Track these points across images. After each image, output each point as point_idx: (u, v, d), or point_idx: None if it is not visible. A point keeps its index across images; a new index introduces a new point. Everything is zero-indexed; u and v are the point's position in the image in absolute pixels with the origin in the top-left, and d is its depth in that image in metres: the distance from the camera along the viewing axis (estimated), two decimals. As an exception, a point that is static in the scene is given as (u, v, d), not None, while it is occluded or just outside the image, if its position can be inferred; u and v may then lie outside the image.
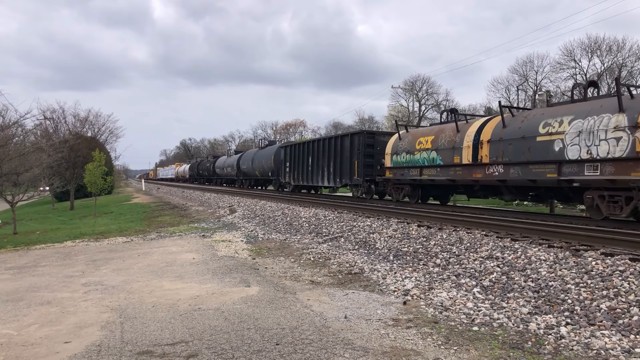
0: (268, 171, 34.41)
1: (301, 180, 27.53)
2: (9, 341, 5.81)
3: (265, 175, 35.56)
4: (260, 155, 36.84)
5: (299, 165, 27.69)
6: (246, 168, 40.59)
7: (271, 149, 35.30)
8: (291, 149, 29.13)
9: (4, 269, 10.99)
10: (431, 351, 5.20)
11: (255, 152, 39.67)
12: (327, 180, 24.16)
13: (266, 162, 34.67)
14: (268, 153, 34.76)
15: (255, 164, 37.80)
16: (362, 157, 20.92)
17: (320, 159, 24.97)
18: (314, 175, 25.64)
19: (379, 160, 20.59)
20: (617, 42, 43.36)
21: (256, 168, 37.41)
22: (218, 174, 52.53)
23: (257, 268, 9.92)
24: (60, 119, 48.39)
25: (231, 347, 5.34)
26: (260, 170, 36.61)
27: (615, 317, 5.76)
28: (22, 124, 25.03)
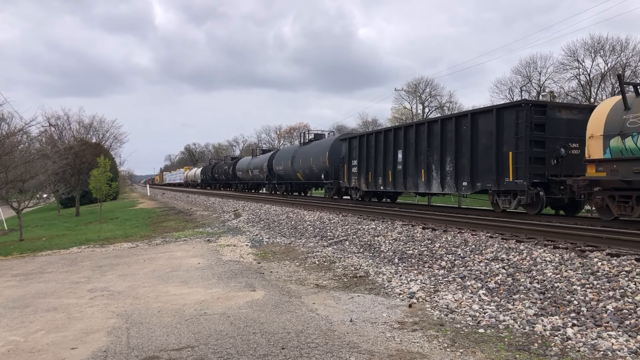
0: (319, 172, 27.01)
1: (381, 184, 19.97)
2: (16, 347, 5.83)
3: (314, 177, 28.18)
4: (306, 152, 29.06)
5: (377, 162, 20.30)
6: (282, 169, 33.34)
7: (324, 143, 27.81)
8: (361, 141, 21.89)
9: (11, 276, 11.04)
10: (437, 354, 5.19)
11: (295, 148, 32.29)
12: (440, 184, 16.41)
13: (316, 161, 27.06)
14: (319, 148, 27.26)
15: (297, 164, 30.19)
16: (527, 146, 13.11)
17: (421, 152, 17.33)
18: (409, 176, 18.01)
19: (553, 150, 13.20)
20: (620, 42, 43.24)
21: (299, 169, 29.98)
22: (240, 178, 45.84)
23: (262, 272, 9.92)
24: (65, 126, 48.72)
25: (237, 352, 5.34)
26: (305, 172, 29.11)
27: (621, 318, 5.73)
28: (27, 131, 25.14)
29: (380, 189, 20.48)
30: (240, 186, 47.40)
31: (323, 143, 27.90)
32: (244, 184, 45.91)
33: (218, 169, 57.61)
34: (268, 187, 37.62)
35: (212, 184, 61.20)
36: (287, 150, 35.18)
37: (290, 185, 33.86)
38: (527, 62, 50.57)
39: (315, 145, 28.85)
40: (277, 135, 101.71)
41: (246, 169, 43.32)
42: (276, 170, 34.52)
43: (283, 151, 35.78)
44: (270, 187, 37.19)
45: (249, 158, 45.46)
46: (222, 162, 62.17)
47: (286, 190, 34.36)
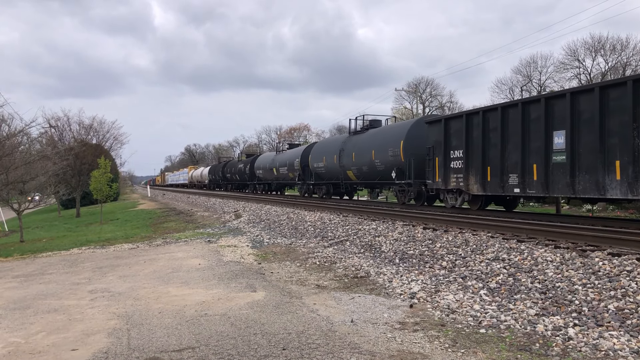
0: (386, 169, 19.86)
1: (516, 185, 13.17)
2: (17, 349, 5.83)
3: (376, 175, 20.90)
4: (364, 142, 22.15)
5: (507, 151, 13.57)
6: (324, 167, 26.10)
7: (394, 129, 20.69)
8: (469, 122, 15.09)
9: (11, 277, 11.04)
10: (438, 354, 5.18)
11: (343, 139, 25.12)
12: None
13: (381, 154, 20.00)
14: (387, 137, 20.24)
15: (347, 159, 23.06)
16: None
17: (613, 133, 10.60)
18: (582, 172, 11.27)
19: None
20: (620, 41, 43.26)
21: (351, 165, 22.88)
22: (261, 178, 39.25)
23: (263, 273, 9.91)
24: (65, 127, 48.77)
25: (238, 353, 5.33)
26: (362, 169, 21.96)
27: (623, 317, 5.72)
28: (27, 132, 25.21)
29: (513, 192, 13.32)
30: (260, 187, 40.16)
31: (393, 130, 20.80)
32: (266, 184, 38.99)
33: (231, 168, 50.76)
34: (301, 188, 30.45)
35: (223, 184, 54.51)
36: (330, 142, 28.01)
37: (333, 186, 26.57)
38: (528, 61, 50.65)
39: (379, 133, 21.69)
40: (278, 136, 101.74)
41: (269, 167, 36.52)
42: (314, 167, 27.68)
43: (324, 144, 28.63)
44: (303, 188, 29.98)
45: (272, 154, 38.90)
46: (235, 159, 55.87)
47: (327, 192, 27.36)
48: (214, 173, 59.03)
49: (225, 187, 54.07)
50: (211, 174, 60.64)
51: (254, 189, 42.14)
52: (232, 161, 56.50)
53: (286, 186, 37.68)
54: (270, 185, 38.47)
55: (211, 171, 61.38)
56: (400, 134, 19.33)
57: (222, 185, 55.10)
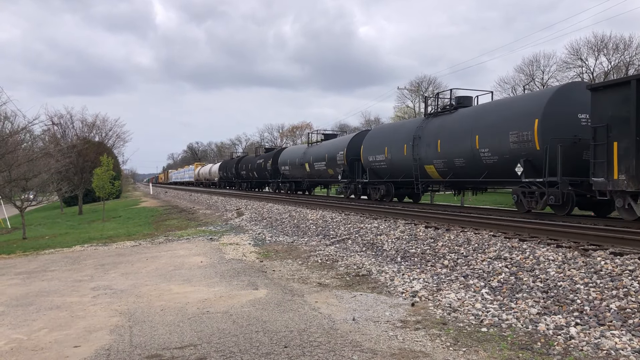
0: (506, 161, 14.12)
1: None
2: (19, 346, 5.85)
3: (485, 170, 15.14)
4: (463, 124, 16.15)
5: None
6: (385, 161, 20.71)
7: (523, 101, 14.74)
8: None
9: (14, 274, 11.07)
10: (440, 353, 5.18)
11: (417, 124, 19.01)
12: None
13: (496, 138, 14.44)
14: (510, 114, 14.29)
15: (430, 148, 17.50)
16: None
17: None
18: None
19: None
20: (623, 40, 43.09)
21: (433, 157, 17.33)
22: (286, 175, 33.77)
23: (265, 271, 9.93)
24: (67, 124, 48.87)
25: (239, 350, 5.34)
26: (453, 162, 16.33)
27: (625, 317, 5.72)
28: (30, 129, 25.21)
29: None
30: (286, 186, 34.27)
31: (515, 104, 14.75)
32: (293, 182, 33.32)
33: (247, 164, 44.90)
34: (346, 188, 24.96)
35: (237, 183, 49.27)
36: (394, 128, 21.69)
37: (397, 185, 20.82)
38: (530, 60, 50.44)
39: (486, 112, 15.69)
40: (280, 134, 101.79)
41: (299, 163, 30.76)
42: (369, 162, 21.94)
43: (385, 131, 22.22)
44: (350, 188, 24.54)
45: (302, 147, 33.34)
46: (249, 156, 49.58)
47: (387, 193, 21.04)
48: (225, 170, 53.59)
49: (239, 185, 48.90)
50: (222, 170, 55.41)
51: (276, 188, 36.51)
52: (248, 156, 50.48)
53: (324, 184, 31.80)
54: (300, 183, 32.39)
55: (222, 168, 55.86)
56: (531, 109, 13.45)
57: (236, 184, 49.99)
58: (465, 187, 17.93)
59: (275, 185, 37.00)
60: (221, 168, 56.69)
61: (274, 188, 37.52)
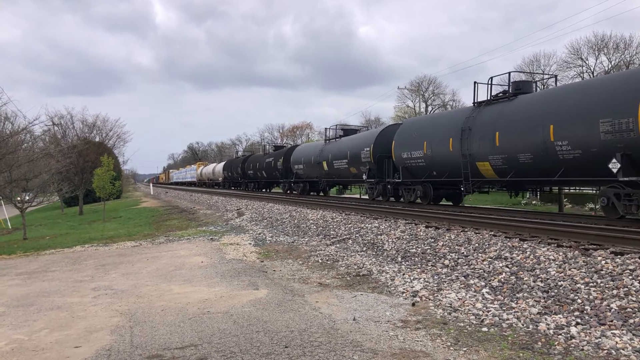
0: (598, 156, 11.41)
1: None
2: (20, 346, 5.85)
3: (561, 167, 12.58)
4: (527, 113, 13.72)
5: None
6: (424, 158, 17.92)
7: (626, 78, 11.78)
8: None
9: (15, 275, 11.08)
10: (440, 352, 5.18)
11: (466, 112, 16.45)
12: None
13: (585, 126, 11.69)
14: (613, 92, 11.29)
15: (485, 142, 14.94)
16: None
17: None
18: None
19: None
20: (624, 40, 43.16)
21: (489, 153, 14.85)
22: (299, 175, 31.41)
23: (266, 271, 9.93)
24: (68, 125, 48.87)
25: (240, 350, 5.35)
26: (520, 157, 13.74)
27: (625, 316, 5.72)
28: (30, 130, 25.24)
29: None
30: (299, 186, 31.62)
31: (607, 85, 12.11)
32: (307, 182, 30.77)
33: (254, 163, 41.87)
34: (372, 188, 22.23)
35: (243, 183, 46.66)
36: (433, 120, 19.32)
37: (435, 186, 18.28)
38: (531, 60, 50.54)
39: (562, 96, 13.15)
40: (280, 134, 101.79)
41: (315, 161, 28.10)
42: (403, 159, 19.14)
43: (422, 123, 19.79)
44: (377, 188, 21.77)
45: (318, 144, 30.24)
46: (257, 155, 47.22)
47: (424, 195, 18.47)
48: (230, 169, 51.05)
49: (245, 186, 46.09)
50: (227, 170, 52.98)
51: (288, 189, 34.11)
52: (255, 155, 48.31)
53: (344, 185, 29.41)
54: (315, 183, 29.87)
55: (227, 167, 53.50)
56: (635, 87, 10.82)
57: (242, 184, 47.03)
58: (525, 187, 15.87)
59: (286, 185, 34.45)
60: (226, 168, 54.13)
61: (285, 189, 35.14)
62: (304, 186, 31.24)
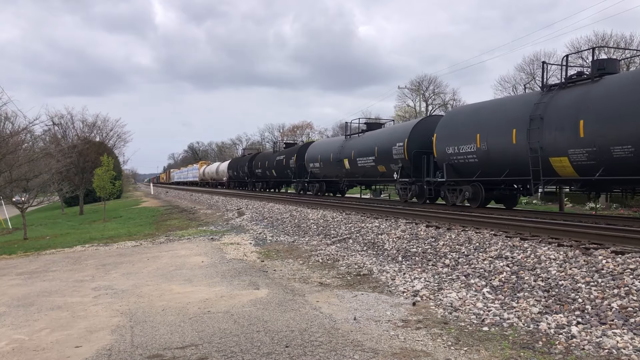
0: None
1: None
2: (21, 346, 5.85)
3: None
4: None
5: None
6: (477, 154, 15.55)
7: None
8: None
9: (15, 274, 11.08)
10: (441, 352, 5.18)
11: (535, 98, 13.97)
12: None
13: None
14: None
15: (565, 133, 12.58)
16: None
17: None
18: None
19: None
20: (624, 39, 43.08)
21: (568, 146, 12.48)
22: (315, 174, 29.17)
23: (266, 270, 9.93)
24: (68, 125, 48.87)
25: (241, 350, 5.34)
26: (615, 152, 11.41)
27: (626, 315, 5.71)
28: (31, 130, 25.26)
29: None
30: (315, 187, 29.35)
31: None
32: (323, 182, 28.46)
33: (262, 161, 38.79)
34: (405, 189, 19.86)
35: (250, 182, 43.71)
36: (489, 107, 16.30)
37: (491, 186, 16.07)
38: (531, 59, 50.51)
39: None
40: (281, 134, 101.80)
41: (334, 159, 25.81)
42: (447, 155, 16.81)
43: (472, 111, 17.02)
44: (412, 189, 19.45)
45: (338, 140, 27.63)
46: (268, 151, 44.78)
47: (474, 196, 16.17)
48: (236, 168, 48.06)
49: (253, 186, 43.19)
50: (232, 169, 50.20)
51: (301, 189, 31.44)
52: (264, 153, 44.93)
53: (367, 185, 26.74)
54: (334, 183, 27.45)
55: (232, 166, 50.69)
56: None
57: (249, 184, 43.99)
58: (612, 188, 13.52)
59: (300, 185, 31.62)
60: (231, 167, 51.11)
61: (298, 189, 32.29)
62: (320, 186, 29.06)
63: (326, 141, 31.67)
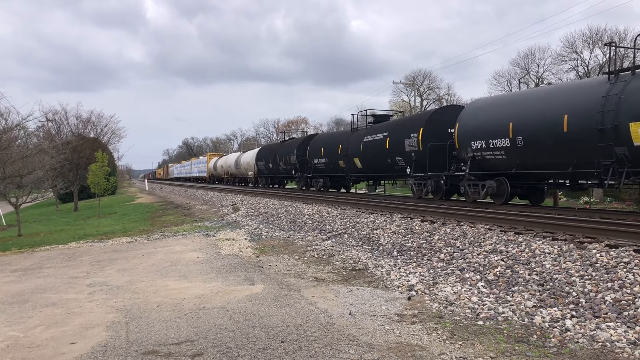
0: None
1: None
2: (15, 343, 5.83)
3: None
4: None
5: None
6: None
7: None
8: None
9: (9, 271, 11.03)
10: (436, 346, 5.19)
11: None
12: None
13: None
14: None
15: None
16: None
17: None
18: None
19: None
20: (618, 33, 43.14)
21: None
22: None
23: (261, 266, 9.92)
24: (62, 121, 48.47)
25: (236, 346, 5.34)
26: None
27: (620, 309, 5.75)
28: (24, 126, 25.09)
29: None
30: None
31: None
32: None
33: (319, 146, 27.22)
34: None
35: (301, 179, 29.76)
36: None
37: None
38: (525, 53, 50.57)
39: None
40: (276, 129, 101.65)
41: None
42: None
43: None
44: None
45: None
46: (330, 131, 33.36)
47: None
48: (272, 158, 34.01)
49: (306, 183, 29.36)
50: (264, 160, 36.30)
51: (417, 190, 18.84)
52: (322, 135, 32.20)
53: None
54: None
55: (264, 156, 36.74)
56: None
57: (299, 180, 30.05)
58: None
59: (420, 185, 19.56)
60: (262, 157, 37.45)
61: (418, 193, 19.56)
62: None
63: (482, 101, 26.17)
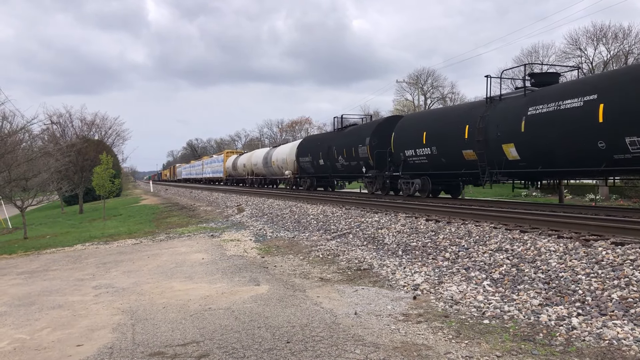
0: None
1: None
2: (22, 345, 5.85)
3: None
4: None
5: None
6: None
7: None
8: None
9: (16, 274, 11.08)
10: (442, 345, 5.18)
11: None
12: None
13: None
14: None
15: None
16: None
17: None
18: None
19: None
20: (622, 30, 42.93)
21: None
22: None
23: (267, 266, 9.93)
24: (67, 123, 48.65)
25: (242, 346, 5.35)
26: None
27: (627, 306, 5.72)
28: (29, 129, 25.19)
29: None
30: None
31: None
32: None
33: (420, 129, 18.25)
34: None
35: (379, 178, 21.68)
36: None
37: None
38: (529, 51, 50.43)
39: None
40: (280, 129, 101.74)
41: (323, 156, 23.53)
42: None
43: None
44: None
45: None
46: (434, 109, 27.48)
47: None
48: (324, 154, 26.44)
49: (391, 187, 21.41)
50: (310, 155, 28.54)
51: None
52: (418, 115, 24.76)
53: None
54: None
55: (309, 150, 29.03)
56: None
57: (375, 180, 22.01)
58: None
59: None
60: (305, 151, 29.47)
61: None
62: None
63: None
